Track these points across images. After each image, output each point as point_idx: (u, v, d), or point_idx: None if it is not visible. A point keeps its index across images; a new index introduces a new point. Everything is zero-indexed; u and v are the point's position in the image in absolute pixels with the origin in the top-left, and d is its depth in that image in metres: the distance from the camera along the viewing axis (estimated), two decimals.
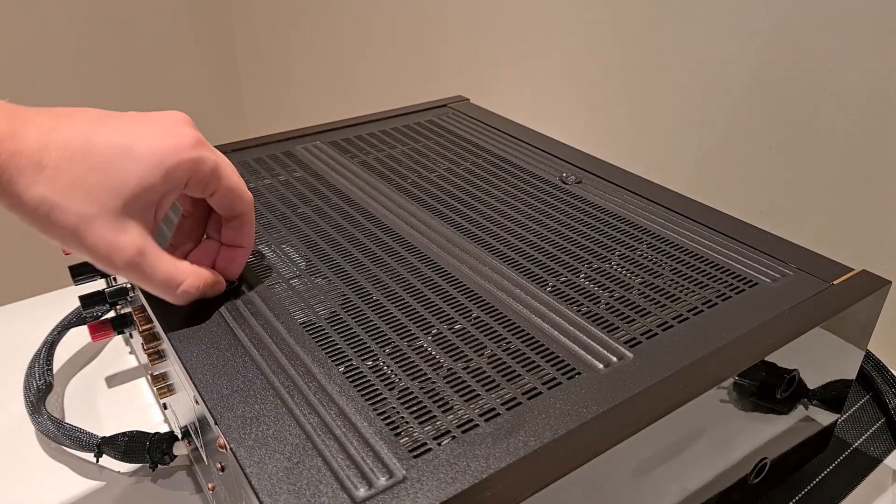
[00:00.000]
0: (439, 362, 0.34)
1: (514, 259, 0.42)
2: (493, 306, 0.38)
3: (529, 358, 0.34)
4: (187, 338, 0.35)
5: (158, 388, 0.40)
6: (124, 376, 0.53)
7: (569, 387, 0.32)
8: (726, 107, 0.68)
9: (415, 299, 0.38)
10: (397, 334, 0.35)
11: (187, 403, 0.36)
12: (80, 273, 0.46)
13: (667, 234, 0.45)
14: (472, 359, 0.34)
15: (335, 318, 0.37)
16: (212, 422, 0.31)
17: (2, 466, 0.45)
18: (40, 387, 0.49)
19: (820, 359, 0.39)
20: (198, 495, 0.43)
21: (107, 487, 0.44)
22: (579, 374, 0.33)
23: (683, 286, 0.40)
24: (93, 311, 0.54)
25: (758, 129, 0.66)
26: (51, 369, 0.50)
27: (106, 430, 0.45)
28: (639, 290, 0.39)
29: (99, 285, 0.49)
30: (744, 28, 0.64)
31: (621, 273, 0.41)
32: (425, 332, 0.36)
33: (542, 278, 0.40)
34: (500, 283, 0.40)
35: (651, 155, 0.77)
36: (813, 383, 0.39)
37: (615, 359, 0.34)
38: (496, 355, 0.34)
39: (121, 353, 0.56)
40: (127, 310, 0.46)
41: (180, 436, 0.42)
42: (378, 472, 0.28)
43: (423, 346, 0.35)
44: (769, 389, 0.36)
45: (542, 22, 0.83)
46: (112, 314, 0.48)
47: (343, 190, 0.51)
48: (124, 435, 0.43)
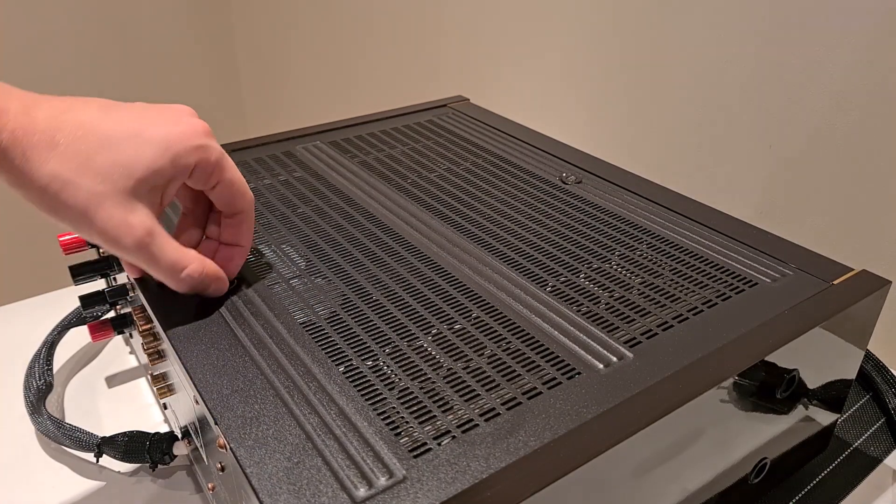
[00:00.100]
0: (439, 362, 0.34)
1: (514, 259, 0.42)
2: (493, 306, 0.38)
3: (529, 358, 0.34)
4: (187, 338, 0.35)
5: (158, 388, 0.41)
6: (124, 376, 0.53)
7: (569, 387, 0.32)
8: (726, 107, 0.68)
9: (415, 299, 0.38)
10: (397, 334, 0.35)
11: (187, 403, 0.36)
12: (80, 273, 0.46)
13: (667, 234, 0.45)
14: (472, 359, 0.34)
15: (335, 318, 0.37)
16: (212, 422, 0.31)
17: (2, 466, 0.45)
18: (40, 387, 0.49)
19: (820, 359, 0.39)
20: (198, 495, 0.43)
21: (107, 487, 0.44)
22: (579, 374, 0.33)
23: (683, 286, 0.40)
24: (93, 311, 0.54)
25: (758, 129, 0.66)
26: (51, 369, 0.50)
27: (106, 430, 0.45)
28: (639, 290, 0.39)
29: (99, 285, 0.49)
30: (744, 28, 0.64)
31: (621, 273, 0.41)
32: (425, 332, 0.36)
33: (542, 278, 0.40)
34: (500, 283, 0.40)
35: (651, 155, 0.77)
36: (813, 383, 0.39)
37: (615, 359, 0.34)
38: (496, 355, 0.34)
39: (121, 353, 0.56)
40: (127, 310, 0.46)
41: (180, 436, 0.42)
42: (378, 472, 0.28)
43: (423, 346, 0.35)
44: (769, 389, 0.36)
45: (542, 22, 0.83)
46: (112, 314, 0.48)
47: (343, 190, 0.51)
48: (124, 435, 0.43)
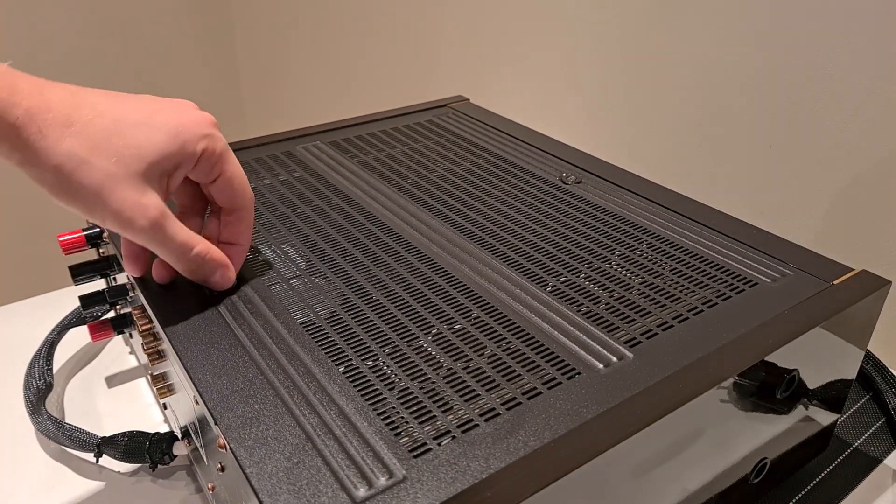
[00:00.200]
0: (439, 362, 0.34)
1: (514, 259, 0.42)
2: (493, 306, 0.38)
3: (529, 358, 0.34)
4: (187, 338, 0.35)
5: (158, 388, 0.40)
6: (124, 376, 0.53)
7: (569, 387, 0.32)
8: (726, 107, 0.68)
9: (415, 299, 0.38)
10: (397, 334, 0.35)
11: (187, 403, 0.36)
12: (80, 273, 0.46)
13: (667, 234, 0.45)
14: (472, 359, 0.34)
15: (335, 318, 0.37)
16: (212, 422, 0.31)
17: (2, 466, 0.45)
18: (40, 387, 0.49)
19: (820, 359, 0.39)
20: (198, 495, 0.43)
21: (107, 487, 0.44)
22: (579, 374, 0.33)
23: (683, 286, 0.40)
24: (93, 311, 0.54)
25: (758, 129, 0.66)
26: (51, 369, 0.50)
27: (106, 430, 0.45)
28: (639, 290, 0.39)
29: (99, 285, 0.49)
30: (744, 28, 0.64)
31: (621, 273, 0.41)
32: (425, 332, 0.36)
33: (542, 278, 0.40)
34: (500, 283, 0.40)
35: (651, 155, 0.77)
36: (813, 383, 0.39)
37: (615, 359, 0.34)
38: (496, 355, 0.34)
39: (121, 353, 0.56)
40: (127, 310, 0.46)
41: (180, 436, 0.42)
42: (378, 472, 0.28)
43: (423, 346, 0.35)
44: (769, 389, 0.36)
45: (542, 22, 0.83)
46: (112, 314, 0.48)
47: (343, 190, 0.51)
48: (124, 435, 0.43)
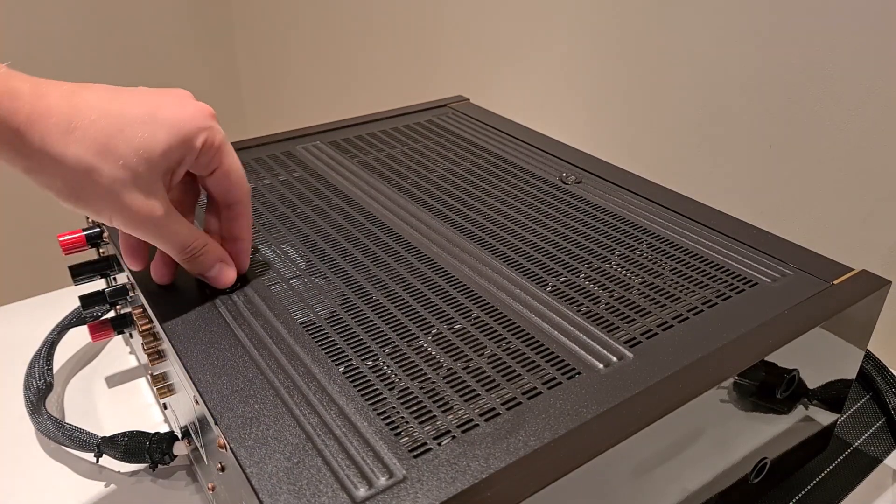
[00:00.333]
0: (439, 362, 0.34)
1: (514, 259, 0.42)
2: (493, 306, 0.38)
3: (529, 358, 0.34)
4: (187, 338, 0.35)
5: (158, 388, 0.40)
6: (124, 376, 0.53)
7: (569, 387, 0.32)
8: (726, 107, 0.68)
9: (415, 299, 0.38)
10: (397, 334, 0.35)
11: (187, 403, 0.36)
12: (79, 273, 0.46)
13: (667, 234, 0.45)
14: (472, 359, 0.34)
15: (335, 318, 0.37)
16: (212, 422, 0.31)
17: (2, 466, 0.45)
18: (40, 387, 0.49)
19: (820, 359, 0.39)
20: (198, 495, 0.43)
21: (107, 487, 0.44)
22: (579, 374, 0.33)
23: (683, 286, 0.40)
24: (93, 311, 0.54)
25: (758, 129, 0.66)
26: (51, 369, 0.50)
27: (106, 430, 0.45)
28: (639, 290, 0.39)
29: (99, 285, 0.49)
30: (744, 28, 0.64)
31: (621, 273, 0.41)
32: (425, 332, 0.36)
33: (542, 278, 0.40)
34: (500, 283, 0.40)
35: (651, 155, 0.76)
36: (813, 383, 0.39)
37: (615, 359, 0.34)
38: (496, 355, 0.34)
39: (121, 353, 0.56)
40: (127, 310, 0.46)
41: (180, 436, 0.42)
42: (378, 472, 0.28)
43: (423, 346, 0.35)
44: (769, 389, 0.36)
45: (543, 22, 0.83)
46: (112, 314, 0.48)
47: (343, 190, 0.51)
48: (124, 435, 0.43)
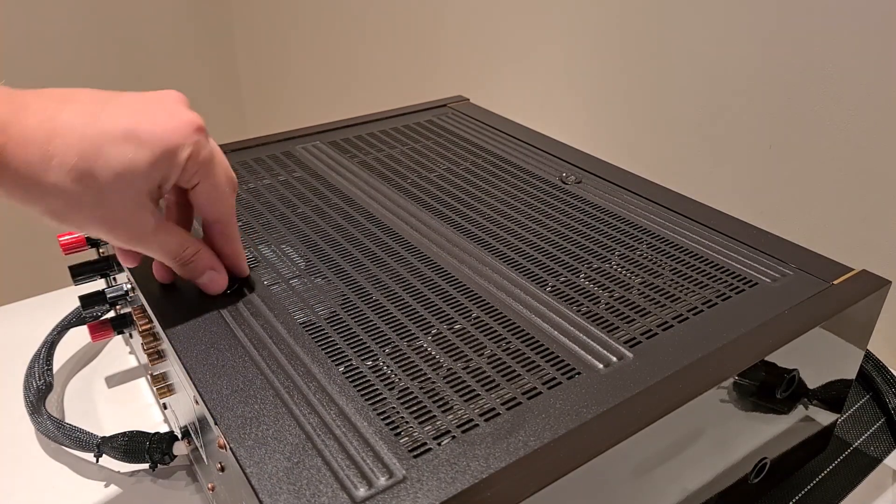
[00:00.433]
0: (439, 362, 0.34)
1: (514, 259, 0.42)
2: (493, 306, 0.38)
3: (529, 358, 0.34)
4: (187, 338, 0.35)
5: (158, 388, 0.41)
6: (124, 376, 0.53)
7: (569, 387, 0.32)
8: (726, 107, 0.68)
9: (415, 299, 0.38)
10: (397, 334, 0.35)
11: (187, 403, 0.36)
12: (79, 273, 0.46)
13: (667, 234, 0.45)
14: (472, 359, 0.34)
15: (335, 318, 0.37)
16: (212, 422, 0.31)
17: (2, 466, 0.45)
18: (40, 387, 0.49)
19: (820, 359, 0.39)
20: (198, 495, 0.43)
21: (107, 487, 0.44)
22: (579, 374, 0.33)
23: (683, 286, 0.40)
24: (93, 311, 0.54)
25: (758, 129, 0.66)
26: (51, 369, 0.50)
27: (106, 430, 0.45)
28: (639, 290, 0.39)
29: (99, 285, 0.49)
30: (744, 28, 0.64)
31: (621, 273, 0.41)
32: (425, 332, 0.36)
33: (542, 278, 0.40)
34: (500, 283, 0.40)
35: (651, 155, 0.76)
36: (813, 383, 0.39)
37: (615, 359, 0.34)
38: (496, 355, 0.34)
39: (121, 353, 0.56)
40: (127, 310, 0.46)
41: (180, 436, 0.42)
42: (378, 472, 0.28)
43: (423, 346, 0.35)
44: (769, 389, 0.36)
45: (543, 22, 0.83)
46: (112, 314, 0.48)
47: (343, 190, 0.51)
48: (124, 435, 0.43)
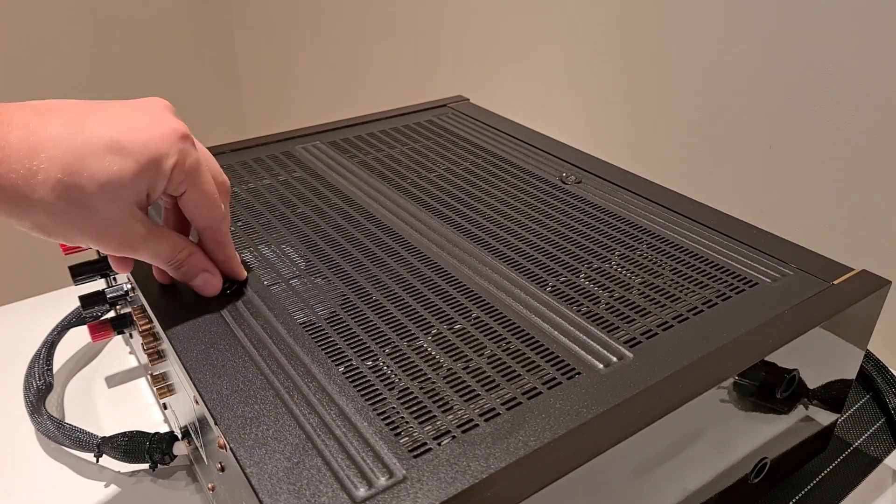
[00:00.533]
0: (439, 362, 0.34)
1: (514, 259, 0.42)
2: (493, 306, 0.38)
3: (529, 358, 0.34)
4: (187, 338, 0.35)
5: (158, 388, 0.40)
6: (124, 376, 0.53)
7: (569, 387, 0.32)
8: (726, 107, 0.68)
9: (415, 299, 0.38)
10: (397, 334, 0.35)
11: (187, 403, 0.36)
12: (80, 273, 0.45)
13: (667, 234, 0.45)
14: (472, 359, 0.34)
15: (335, 318, 0.37)
16: (212, 422, 0.31)
17: (2, 466, 0.45)
18: (40, 387, 0.49)
19: (820, 359, 0.39)
20: (198, 495, 0.43)
21: (107, 487, 0.44)
22: (579, 374, 0.33)
23: (683, 286, 0.40)
24: (93, 311, 0.54)
25: (758, 129, 0.66)
26: (51, 369, 0.50)
27: (106, 430, 0.45)
28: (639, 290, 0.39)
29: (99, 285, 0.49)
30: (745, 28, 0.64)
31: (621, 273, 0.41)
32: (425, 332, 0.36)
33: (542, 278, 0.40)
34: (500, 283, 0.40)
35: (651, 155, 0.76)
36: (813, 383, 0.39)
37: (615, 359, 0.34)
38: (496, 355, 0.34)
39: (121, 353, 0.56)
40: (127, 310, 0.46)
41: (180, 436, 0.42)
42: (378, 472, 0.28)
43: (423, 346, 0.35)
44: (769, 389, 0.36)
45: (543, 22, 0.83)
46: (112, 314, 0.48)
47: (343, 190, 0.51)
48: (124, 435, 0.43)
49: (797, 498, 0.43)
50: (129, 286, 0.42)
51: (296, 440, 0.29)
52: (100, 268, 0.46)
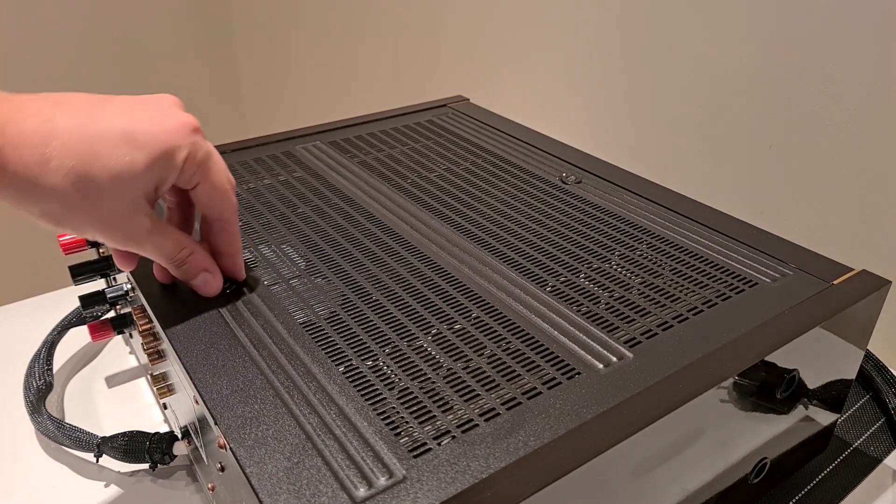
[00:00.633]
0: (439, 362, 0.34)
1: (514, 259, 0.42)
2: (493, 306, 0.38)
3: (529, 358, 0.34)
4: (187, 338, 0.35)
5: (158, 388, 0.41)
6: (124, 376, 0.53)
7: (569, 387, 0.32)
8: (726, 107, 0.68)
9: (415, 299, 0.38)
10: (397, 334, 0.35)
11: (187, 403, 0.36)
12: (79, 273, 0.46)
13: (667, 234, 0.45)
14: (472, 359, 0.34)
15: (335, 318, 0.37)
16: (212, 422, 0.31)
17: (2, 466, 0.45)
18: (40, 387, 0.49)
19: (820, 359, 0.39)
20: (198, 495, 0.43)
21: (107, 487, 0.44)
22: (579, 374, 0.33)
23: (683, 286, 0.40)
24: (93, 311, 0.54)
25: (758, 129, 0.66)
26: (51, 369, 0.50)
27: (106, 430, 0.45)
28: (639, 290, 0.39)
29: (99, 285, 0.49)
30: (744, 28, 0.64)
31: (621, 273, 0.41)
32: (425, 332, 0.36)
33: (542, 278, 0.40)
34: (500, 283, 0.40)
35: (651, 155, 0.76)
36: (813, 383, 0.39)
37: (615, 359, 0.34)
38: (496, 355, 0.34)
39: (121, 353, 0.56)
40: (127, 310, 0.46)
41: (180, 436, 0.42)
42: (378, 472, 0.28)
43: (423, 346, 0.35)
44: (769, 389, 0.36)
45: (543, 22, 0.83)
46: (112, 314, 0.48)
47: (343, 190, 0.51)
48: (124, 435, 0.43)
49: (797, 498, 0.43)
50: (129, 286, 0.42)
51: (296, 440, 0.29)
52: (100, 268, 0.46)
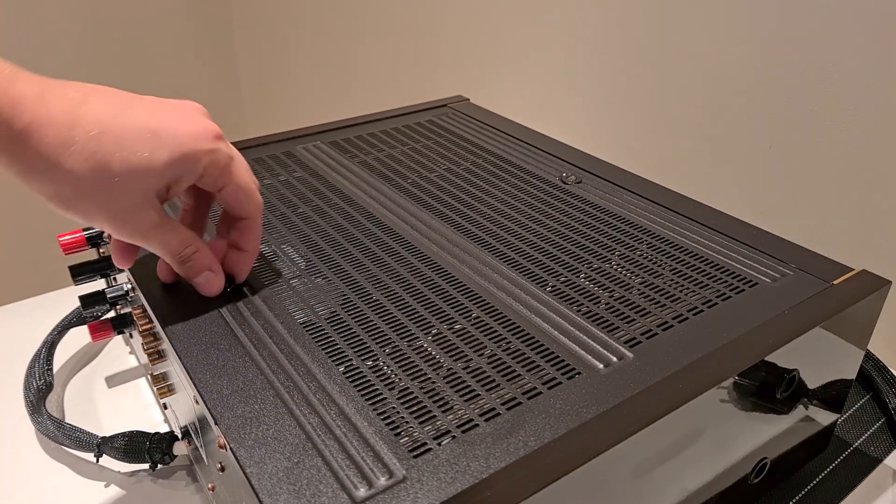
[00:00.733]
0: (439, 362, 0.34)
1: (514, 259, 0.42)
2: (493, 306, 0.38)
3: (529, 358, 0.34)
4: (187, 338, 0.35)
5: (158, 388, 0.41)
6: (124, 376, 0.53)
7: (569, 387, 0.32)
8: (726, 107, 0.68)
9: (415, 299, 0.38)
10: (397, 334, 0.35)
11: (187, 403, 0.36)
12: (79, 273, 0.46)
13: (667, 234, 0.45)
14: (472, 359, 0.34)
15: (335, 318, 0.37)
16: (212, 422, 0.31)
17: (2, 466, 0.45)
18: (40, 387, 0.49)
19: (820, 359, 0.39)
20: (198, 495, 0.43)
21: (107, 487, 0.44)
22: (579, 374, 0.33)
23: (683, 286, 0.40)
24: (93, 311, 0.53)
25: (758, 129, 0.66)
26: (51, 369, 0.50)
27: (106, 430, 0.45)
28: (639, 290, 0.39)
29: (99, 285, 0.49)
30: (744, 28, 0.64)
31: (621, 273, 0.41)
32: (425, 332, 0.36)
33: (542, 278, 0.40)
34: (500, 283, 0.40)
35: (651, 155, 0.76)
36: (813, 383, 0.39)
37: (615, 359, 0.34)
38: (496, 355, 0.34)
39: (121, 353, 0.56)
40: (127, 310, 0.46)
41: (180, 436, 0.42)
42: (378, 472, 0.28)
43: (423, 346, 0.35)
44: (769, 389, 0.36)
45: (543, 22, 0.83)
46: (112, 314, 0.48)
47: (343, 190, 0.51)
48: (124, 435, 0.43)
49: (797, 498, 0.43)
50: (130, 286, 0.42)
51: (296, 440, 0.29)
52: (100, 268, 0.46)
